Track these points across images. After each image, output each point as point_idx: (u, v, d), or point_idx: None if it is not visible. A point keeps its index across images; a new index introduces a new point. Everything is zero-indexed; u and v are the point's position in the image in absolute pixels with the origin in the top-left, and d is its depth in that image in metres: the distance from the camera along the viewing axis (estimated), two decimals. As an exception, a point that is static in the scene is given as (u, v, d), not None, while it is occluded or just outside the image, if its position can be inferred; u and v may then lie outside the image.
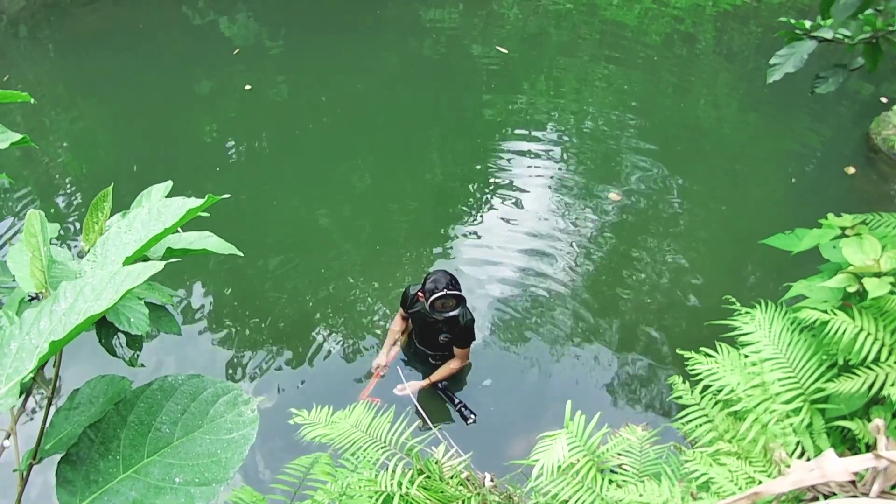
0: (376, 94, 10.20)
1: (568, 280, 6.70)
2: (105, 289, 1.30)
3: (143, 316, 1.98)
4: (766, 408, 2.77)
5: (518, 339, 6.08)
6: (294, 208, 7.77)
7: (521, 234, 7.27)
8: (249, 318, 6.27)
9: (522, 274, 6.75)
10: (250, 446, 1.36)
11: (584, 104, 10.18)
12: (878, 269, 2.84)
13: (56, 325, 1.29)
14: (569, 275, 6.76)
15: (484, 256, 6.97)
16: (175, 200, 1.56)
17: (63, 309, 1.31)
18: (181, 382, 1.44)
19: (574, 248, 7.10)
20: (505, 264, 6.86)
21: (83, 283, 1.34)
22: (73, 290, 1.33)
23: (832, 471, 2.26)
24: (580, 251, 7.08)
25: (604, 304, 6.46)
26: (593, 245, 7.18)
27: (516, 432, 5.22)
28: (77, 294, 1.32)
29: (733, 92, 10.67)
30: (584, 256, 7.02)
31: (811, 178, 8.45)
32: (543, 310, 6.35)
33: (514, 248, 7.05)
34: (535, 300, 6.45)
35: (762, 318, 3.08)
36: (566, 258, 6.95)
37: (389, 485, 3.29)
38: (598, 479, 2.81)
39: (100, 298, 1.28)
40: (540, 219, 7.52)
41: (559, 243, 7.14)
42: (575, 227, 7.39)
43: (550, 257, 6.95)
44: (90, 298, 1.29)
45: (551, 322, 6.24)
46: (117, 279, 1.30)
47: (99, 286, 1.31)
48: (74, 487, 1.41)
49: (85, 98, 10.18)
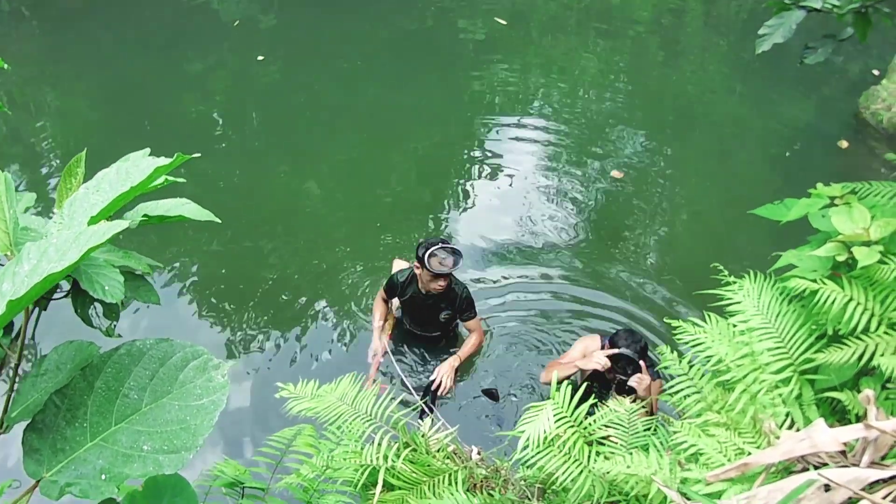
0: (366, 68, 10.12)
1: (557, 253, 6.68)
2: (69, 249, 1.25)
3: (118, 283, 1.92)
4: (756, 378, 2.74)
5: (507, 313, 6.05)
6: (283, 184, 7.72)
7: (510, 209, 7.25)
8: (238, 292, 6.24)
9: (512, 247, 6.72)
10: (220, 412, 1.32)
11: (572, 77, 10.13)
12: (868, 237, 2.80)
13: (19, 286, 1.24)
14: (558, 247, 6.74)
15: (475, 231, 6.93)
16: (143, 160, 1.51)
17: (26, 270, 1.25)
18: (150, 347, 1.39)
19: (564, 221, 7.08)
20: (494, 239, 6.83)
21: (47, 243, 1.28)
22: (36, 250, 1.28)
23: (822, 441, 2.23)
24: (570, 223, 7.06)
25: (592, 274, 6.45)
26: (582, 217, 7.16)
27: (507, 406, 5.22)
28: (41, 255, 1.27)
29: (723, 64, 10.62)
30: (573, 228, 7.00)
31: (802, 152, 8.43)
32: (533, 283, 6.32)
33: (504, 223, 7.03)
34: (525, 274, 6.42)
35: (750, 287, 3.04)
36: (556, 231, 6.93)
37: (375, 458, 3.26)
38: (586, 450, 2.78)
39: (63, 259, 1.23)
40: (530, 193, 7.50)
41: (549, 216, 7.12)
42: (565, 200, 7.37)
43: (540, 231, 6.92)
44: (54, 259, 1.24)
45: (541, 294, 6.21)
46: (82, 239, 1.25)
47: (63, 246, 1.26)
48: (41, 456, 1.37)
49: (71, 75, 10.07)
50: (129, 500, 1.42)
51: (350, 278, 6.35)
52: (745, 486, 2.30)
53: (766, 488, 2.14)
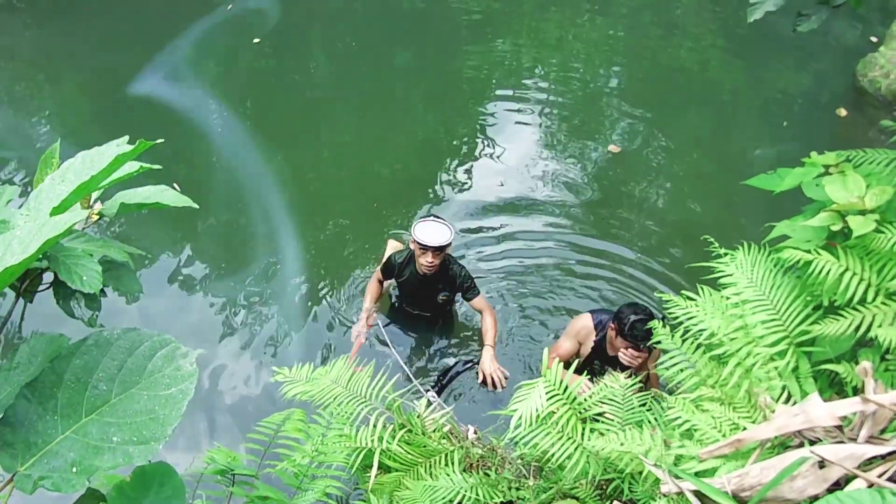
0: (360, 47, 10.05)
1: (554, 228, 6.66)
2: (31, 241, 1.22)
3: (96, 273, 1.90)
4: (750, 351, 2.71)
5: (505, 291, 6.03)
6: (279, 166, 7.66)
7: (506, 185, 7.21)
8: (232, 277, 6.21)
9: (509, 226, 6.69)
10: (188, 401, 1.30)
11: (567, 52, 10.06)
12: (863, 206, 2.76)
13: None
14: (555, 223, 6.72)
15: (472, 209, 6.90)
16: (108, 148, 1.48)
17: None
18: (117, 336, 1.37)
19: (561, 197, 7.05)
20: (492, 216, 6.80)
21: (12, 236, 1.26)
22: (1, 243, 1.25)
23: (817, 415, 2.20)
24: (567, 199, 7.03)
25: (588, 250, 6.43)
26: (579, 192, 7.12)
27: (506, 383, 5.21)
28: (5, 248, 1.24)
29: (718, 36, 10.52)
30: (570, 204, 6.97)
31: (800, 121, 8.37)
32: (529, 260, 6.31)
33: (501, 200, 6.99)
34: (522, 251, 6.40)
35: (744, 259, 3.01)
36: (554, 206, 6.90)
37: (370, 440, 3.24)
38: (580, 427, 2.76)
39: (26, 250, 1.20)
40: (526, 169, 7.45)
41: (546, 192, 7.09)
42: (562, 176, 7.33)
43: (537, 207, 6.89)
44: (17, 251, 1.22)
45: (538, 272, 6.19)
46: (43, 230, 1.22)
47: (27, 238, 1.23)
48: (15, 450, 1.35)
49: (64, 66, 9.95)
50: (117, 490, 1.41)
51: (345, 261, 6.31)
52: (740, 463, 2.27)
53: (759, 466, 2.12)
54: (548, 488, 3.01)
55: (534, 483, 3.10)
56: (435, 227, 4.93)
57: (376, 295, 5.53)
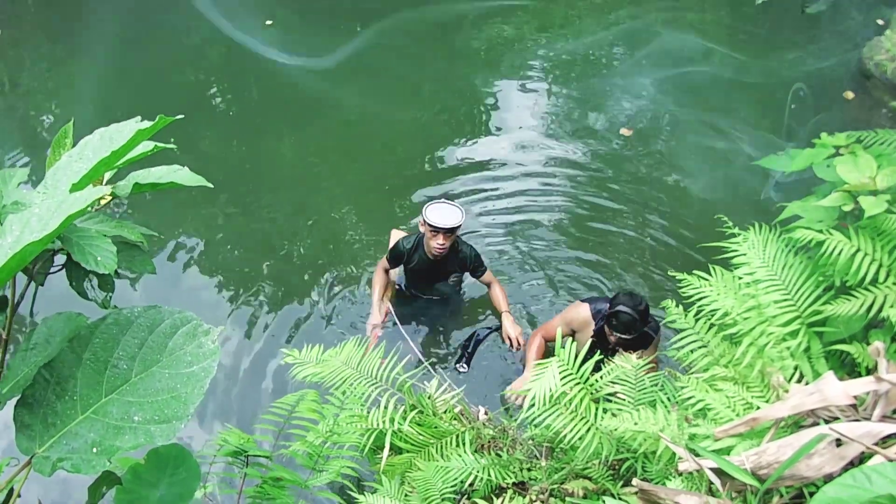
0: (362, 33, 10.01)
1: (563, 209, 6.64)
2: (51, 218, 1.21)
3: (111, 254, 1.88)
4: (763, 331, 2.70)
5: (516, 271, 6.03)
6: (284, 151, 7.65)
7: (515, 167, 7.18)
8: (239, 261, 6.21)
9: (516, 207, 6.67)
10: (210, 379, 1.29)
11: (571, 34, 10.00)
12: (875, 187, 2.76)
13: (2, 259, 1.20)
14: (563, 204, 6.70)
15: (478, 192, 6.88)
16: (126, 124, 1.47)
17: (10, 242, 1.21)
18: (137, 314, 1.36)
19: (568, 178, 7.03)
20: (499, 199, 6.78)
21: (30, 214, 1.24)
22: (19, 222, 1.24)
23: (832, 394, 2.20)
24: (574, 180, 7.00)
25: (597, 231, 6.41)
26: (587, 173, 7.09)
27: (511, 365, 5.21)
28: (24, 226, 1.23)
29: (724, 16, 10.46)
30: (578, 184, 6.94)
31: (807, 103, 8.31)
32: (537, 241, 6.29)
33: (508, 183, 6.97)
34: (530, 233, 6.38)
35: (756, 239, 3.00)
36: (560, 187, 6.88)
37: (381, 421, 3.24)
38: (593, 408, 2.75)
39: (45, 228, 1.19)
40: (535, 150, 7.43)
41: (553, 173, 7.07)
42: (568, 158, 7.31)
43: (545, 188, 6.87)
44: (36, 229, 1.20)
45: (547, 250, 6.19)
46: (63, 207, 1.21)
47: (45, 216, 1.22)
48: (33, 432, 1.34)
49: (68, 51, 9.92)
50: (132, 472, 1.40)
51: (353, 243, 6.30)
52: (755, 442, 2.27)
53: (776, 443, 2.12)
54: (560, 469, 3.01)
55: (546, 464, 3.10)
56: (446, 209, 4.91)
57: (384, 285, 5.49)
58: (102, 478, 1.51)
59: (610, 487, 2.76)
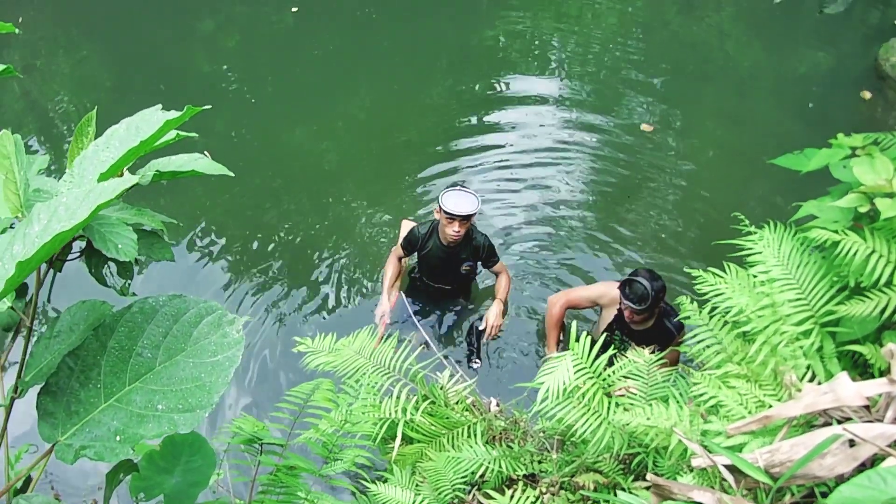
0: (378, 20, 10.01)
1: (575, 204, 6.65)
2: (79, 207, 1.21)
3: (131, 241, 1.89)
4: (776, 329, 2.71)
5: (527, 266, 6.03)
6: (299, 138, 7.66)
7: (525, 162, 7.18)
8: (254, 249, 6.23)
9: (528, 201, 6.68)
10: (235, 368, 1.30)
11: (586, 27, 9.98)
12: (891, 189, 2.74)
13: (29, 248, 1.21)
14: (576, 199, 6.71)
15: (491, 184, 6.89)
16: (154, 114, 1.47)
17: (36, 231, 1.22)
18: (162, 303, 1.37)
19: (581, 173, 7.03)
20: (511, 191, 6.79)
21: (57, 202, 1.25)
22: (46, 210, 1.25)
23: (846, 395, 2.20)
24: (587, 176, 7.00)
25: (612, 226, 6.42)
26: (600, 169, 7.09)
27: (525, 358, 5.22)
28: (51, 214, 1.23)
29: (740, 14, 10.41)
30: (591, 180, 6.95)
31: (824, 103, 8.29)
32: (551, 237, 6.30)
33: (520, 175, 6.97)
34: (543, 228, 6.40)
35: (771, 237, 3.00)
36: (573, 183, 6.88)
37: (393, 411, 3.26)
38: (605, 402, 2.76)
39: (73, 217, 1.20)
40: (545, 146, 7.42)
41: (566, 169, 7.06)
42: (581, 152, 7.30)
43: (557, 184, 6.88)
44: (64, 218, 1.21)
45: (561, 247, 6.20)
46: (92, 196, 1.21)
47: (73, 205, 1.23)
48: (56, 420, 1.35)
49: (83, 37, 9.97)
50: (147, 459, 1.41)
51: (367, 231, 6.33)
52: (767, 440, 2.28)
53: (789, 442, 2.12)
54: (571, 462, 3.02)
55: (557, 456, 3.11)
56: (462, 196, 4.92)
57: (396, 274, 5.51)
58: (120, 464, 1.52)
59: (621, 481, 2.77)
